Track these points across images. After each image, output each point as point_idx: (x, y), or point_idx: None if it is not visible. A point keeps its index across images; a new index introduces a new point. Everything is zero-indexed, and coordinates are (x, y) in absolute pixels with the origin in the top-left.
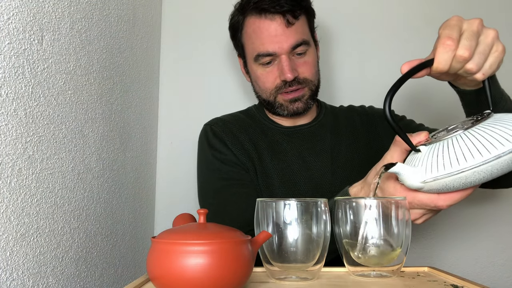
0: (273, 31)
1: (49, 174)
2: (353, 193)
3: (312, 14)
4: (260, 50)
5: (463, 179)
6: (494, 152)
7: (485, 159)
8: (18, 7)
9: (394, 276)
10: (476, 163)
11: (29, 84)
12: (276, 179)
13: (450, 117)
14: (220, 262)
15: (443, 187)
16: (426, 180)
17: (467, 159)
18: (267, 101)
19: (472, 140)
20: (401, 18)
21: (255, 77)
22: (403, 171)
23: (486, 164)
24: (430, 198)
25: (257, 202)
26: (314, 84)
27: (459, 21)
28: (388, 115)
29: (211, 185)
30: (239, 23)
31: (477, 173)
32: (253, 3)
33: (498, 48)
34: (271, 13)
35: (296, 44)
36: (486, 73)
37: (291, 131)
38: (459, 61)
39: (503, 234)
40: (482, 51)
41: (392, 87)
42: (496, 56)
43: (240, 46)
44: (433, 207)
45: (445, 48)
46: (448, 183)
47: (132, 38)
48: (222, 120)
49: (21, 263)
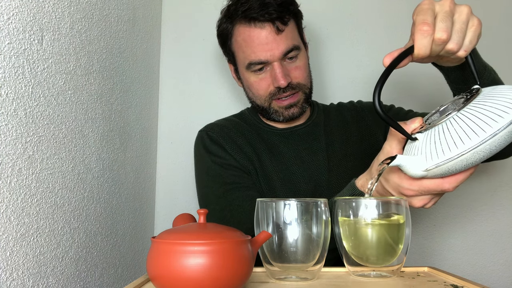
0: (264, 39)
1: (49, 174)
2: (359, 185)
3: (300, 17)
4: (252, 58)
5: (464, 162)
6: (489, 131)
7: (482, 139)
8: (18, 7)
9: (394, 276)
10: (474, 144)
11: (29, 84)
12: (277, 181)
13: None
14: (220, 262)
15: (446, 171)
16: (428, 168)
17: (464, 141)
18: (262, 107)
19: (466, 121)
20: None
21: (248, 84)
22: (404, 163)
23: (483, 144)
24: (436, 183)
25: (257, 202)
26: (307, 87)
27: (431, 4)
28: (379, 110)
29: (213, 191)
30: (228, 31)
31: (476, 154)
32: (242, 12)
33: (474, 22)
34: (261, 21)
35: (287, 50)
36: (467, 49)
37: (287, 132)
38: (438, 44)
39: (503, 234)
40: (460, 29)
41: (378, 81)
42: (474, 30)
43: (231, 54)
44: (440, 191)
45: (423, 34)
46: (451, 167)
47: (132, 38)
48: (217, 125)
49: (21, 263)
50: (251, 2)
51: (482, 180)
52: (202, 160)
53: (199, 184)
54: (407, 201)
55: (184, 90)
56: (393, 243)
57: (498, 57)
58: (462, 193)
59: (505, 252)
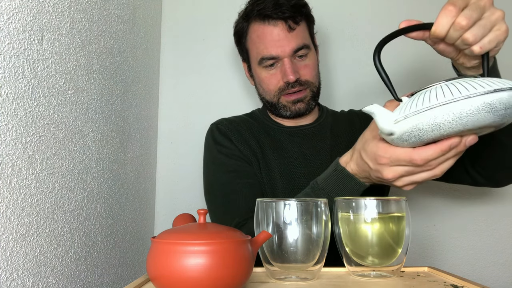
0: (276, 36)
1: (49, 174)
2: (343, 162)
3: (312, 21)
4: (264, 53)
5: (431, 120)
6: (464, 93)
7: (454, 98)
8: (18, 7)
9: (394, 276)
10: (444, 100)
11: (29, 84)
12: (277, 174)
13: None
14: (220, 262)
15: (413, 128)
16: (397, 119)
17: (438, 98)
18: (271, 102)
19: (449, 86)
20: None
21: (259, 80)
22: (377, 111)
23: (454, 103)
24: (406, 152)
25: (257, 202)
26: (315, 86)
27: None
28: (376, 62)
29: (217, 178)
30: (244, 29)
31: (445, 114)
32: (257, 10)
33: (502, 27)
34: (274, 19)
35: (297, 47)
36: (483, 47)
37: (293, 130)
38: (457, 29)
39: (503, 234)
40: (483, 25)
41: (385, 37)
42: (498, 34)
43: (245, 51)
44: (409, 161)
45: (446, 13)
46: (418, 123)
47: (132, 38)
48: (227, 119)
49: (21, 263)
50: (266, 2)
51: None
52: (210, 150)
53: (206, 171)
54: (380, 172)
55: (184, 90)
56: (393, 242)
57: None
58: (462, 193)
59: (505, 252)
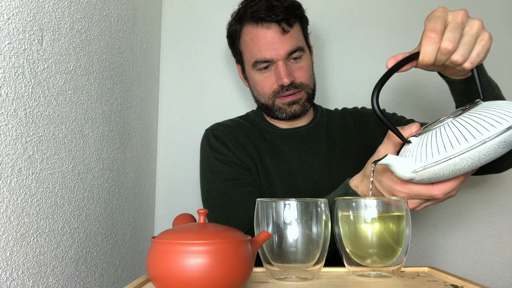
0: (270, 39)
1: (49, 174)
2: (353, 185)
3: (305, 22)
4: (258, 56)
5: (451, 166)
6: (479, 138)
7: (471, 145)
8: (18, 7)
9: (394, 276)
10: (462, 149)
11: (29, 84)
12: (277, 179)
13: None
14: (220, 262)
15: (433, 175)
16: (416, 169)
17: (453, 146)
18: (266, 105)
19: (459, 127)
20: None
21: (253, 82)
22: (393, 162)
23: (472, 150)
24: (426, 188)
25: (257, 202)
26: (310, 87)
27: (444, 13)
28: (376, 108)
29: (215, 187)
30: (237, 32)
31: (464, 160)
32: (250, 13)
33: (484, 37)
34: (267, 22)
35: (291, 50)
36: (474, 62)
37: (289, 133)
38: (444, 54)
39: (503, 234)
40: (467, 42)
41: (379, 81)
42: (483, 44)
43: (239, 54)
44: (429, 196)
45: (430, 41)
46: (438, 171)
47: (132, 38)
48: (222, 124)
49: (21, 263)
50: (259, 5)
51: (482, 180)
52: (206, 157)
53: (203, 180)
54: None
55: (184, 90)
56: (393, 242)
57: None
58: (462, 193)
59: (505, 252)
